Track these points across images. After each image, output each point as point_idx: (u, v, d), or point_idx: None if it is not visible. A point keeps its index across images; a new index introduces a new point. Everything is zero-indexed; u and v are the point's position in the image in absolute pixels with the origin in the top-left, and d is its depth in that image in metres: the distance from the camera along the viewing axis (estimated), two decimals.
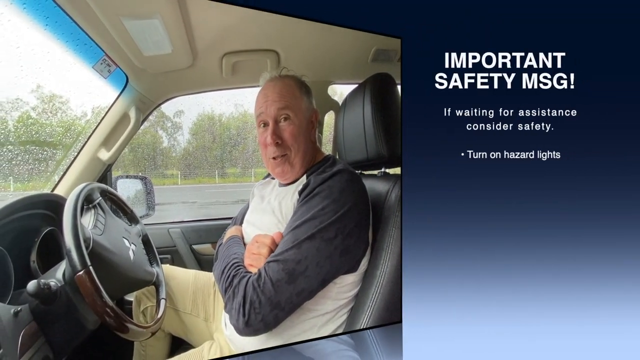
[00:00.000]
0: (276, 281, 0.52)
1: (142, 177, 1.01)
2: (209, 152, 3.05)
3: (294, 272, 0.52)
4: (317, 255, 0.53)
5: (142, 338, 0.58)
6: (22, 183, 0.84)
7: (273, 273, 0.52)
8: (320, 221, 0.53)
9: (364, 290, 0.59)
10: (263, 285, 0.52)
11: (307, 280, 0.53)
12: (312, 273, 0.53)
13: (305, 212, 0.55)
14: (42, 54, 0.65)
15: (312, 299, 0.56)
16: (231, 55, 0.84)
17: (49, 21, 0.60)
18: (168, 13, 0.65)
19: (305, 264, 0.53)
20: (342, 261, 0.56)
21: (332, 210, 0.54)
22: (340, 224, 0.54)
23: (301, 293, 0.54)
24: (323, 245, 0.53)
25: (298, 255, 0.53)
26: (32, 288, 0.47)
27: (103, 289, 0.48)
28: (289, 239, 0.54)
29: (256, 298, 0.52)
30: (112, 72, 0.78)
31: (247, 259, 0.58)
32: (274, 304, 0.52)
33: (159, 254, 0.76)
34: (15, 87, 0.75)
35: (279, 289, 0.52)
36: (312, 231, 0.53)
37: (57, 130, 1.00)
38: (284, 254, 0.53)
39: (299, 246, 0.53)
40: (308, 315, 0.58)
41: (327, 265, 0.54)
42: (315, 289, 0.55)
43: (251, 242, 0.60)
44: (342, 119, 0.80)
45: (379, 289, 0.57)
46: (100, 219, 0.60)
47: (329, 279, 0.56)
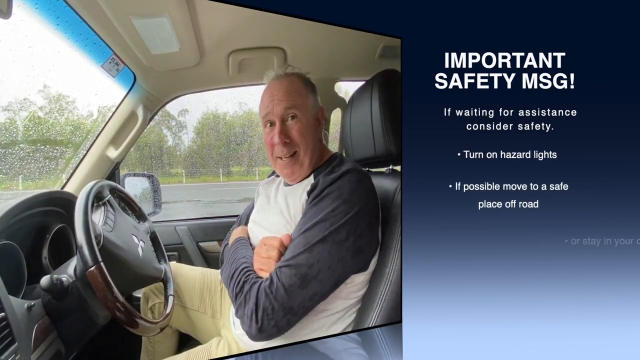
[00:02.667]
0: (289, 286, 0.51)
1: (149, 175, 1.01)
2: (213, 151, 3.06)
3: (307, 276, 0.52)
4: (329, 259, 0.52)
5: (151, 333, 0.58)
6: (32, 181, 0.85)
7: (285, 278, 0.52)
8: (331, 223, 0.53)
9: (372, 289, 0.59)
10: (276, 291, 0.51)
11: (319, 284, 0.53)
12: (324, 276, 0.53)
13: (315, 214, 0.54)
14: (53, 54, 0.66)
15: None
16: (238, 53, 0.84)
17: (59, 21, 0.61)
18: (176, 11, 0.65)
19: (317, 267, 0.52)
20: (354, 262, 0.56)
21: (343, 211, 0.53)
22: (352, 225, 0.53)
23: (314, 297, 0.54)
24: (335, 248, 0.53)
25: (310, 259, 0.52)
26: (45, 283, 0.48)
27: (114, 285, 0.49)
28: (300, 242, 0.53)
29: (269, 304, 0.51)
30: (120, 71, 0.79)
31: (256, 262, 0.57)
32: (286, 309, 0.52)
33: (166, 251, 0.76)
34: (26, 86, 0.77)
35: (291, 294, 0.51)
36: (323, 234, 0.52)
37: (66, 129, 1.01)
38: (295, 258, 0.52)
39: (311, 250, 0.52)
40: (318, 316, 0.58)
41: (340, 267, 0.54)
42: (327, 291, 0.55)
43: (259, 245, 0.59)
44: (349, 116, 0.79)
45: (387, 288, 0.57)
46: (110, 216, 0.60)
47: (342, 280, 0.56)
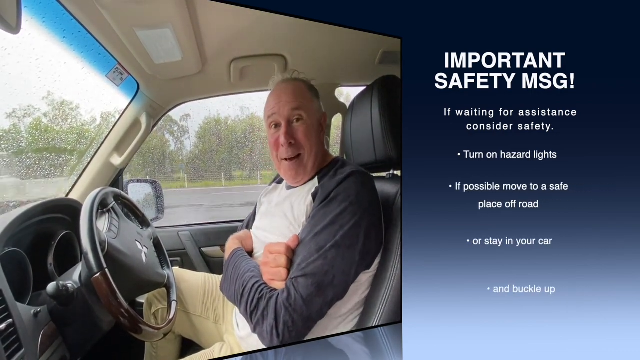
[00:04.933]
0: (307, 296, 0.52)
1: (152, 181, 1.02)
2: (215, 155, 3.08)
3: (323, 283, 0.52)
4: (342, 263, 0.53)
5: (154, 339, 0.59)
6: (38, 187, 0.87)
7: (302, 289, 0.52)
8: (340, 225, 0.53)
9: (374, 293, 0.60)
10: (294, 303, 0.51)
11: (334, 289, 0.54)
12: (338, 281, 0.54)
13: (324, 216, 0.54)
14: (59, 65, 0.68)
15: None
16: (239, 60, 0.85)
17: (66, 33, 0.63)
18: (179, 22, 0.66)
19: (332, 273, 0.53)
20: (363, 262, 0.57)
21: (351, 212, 0.54)
22: (360, 227, 0.54)
23: (330, 302, 0.54)
24: (348, 253, 0.53)
25: (325, 266, 0.52)
26: (51, 290, 0.48)
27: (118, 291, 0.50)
28: (312, 248, 0.53)
29: (289, 318, 0.51)
30: (124, 80, 0.80)
31: (266, 274, 0.56)
32: (306, 318, 0.52)
33: (169, 257, 0.77)
34: (33, 97, 0.78)
35: (309, 304, 0.52)
36: (335, 238, 0.53)
37: (71, 137, 1.03)
38: (310, 266, 0.53)
39: (325, 256, 0.52)
40: (324, 320, 0.57)
41: (352, 270, 0.55)
42: (341, 294, 0.56)
43: (264, 255, 0.58)
44: (349, 121, 0.80)
45: (389, 291, 0.57)
46: (114, 222, 0.61)
47: (352, 281, 0.57)
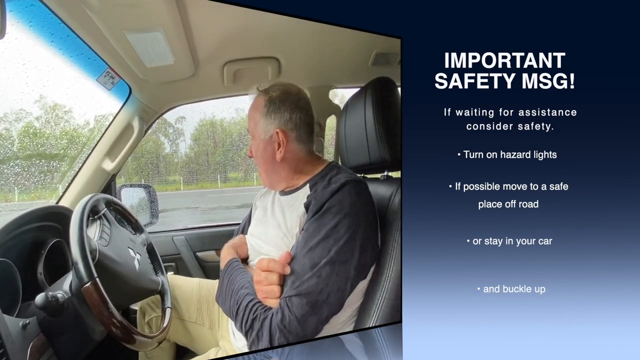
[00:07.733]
0: (301, 317, 0.51)
1: (145, 186, 1.01)
2: (211, 158, 3.05)
3: (317, 302, 0.52)
4: (337, 280, 0.53)
5: (148, 348, 0.58)
6: (27, 194, 0.85)
7: (297, 309, 0.51)
8: (335, 240, 0.52)
9: (369, 296, 0.59)
10: (289, 325, 0.51)
11: (330, 307, 0.53)
12: (334, 299, 0.53)
13: (317, 230, 0.53)
14: (48, 70, 0.67)
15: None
16: (232, 63, 0.85)
17: (54, 37, 0.61)
18: (170, 25, 0.66)
19: (327, 291, 0.52)
20: (358, 276, 0.56)
21: (346, 225, 0.53)
22: (355, 241, 0.54)
23: (326, 320, 0.54)
24: (343, 269, 0.53)
25: (319, 284, 0.52)
26: (40, 301, 0.47)
27: (109, 300, 0.49)
28: (306, 265, 0.53)
29: (284, 339, 0.51)
30: (115, 84, 0.79)
31: (259, 292, 0.56)
32: (300, 336, 0.52)
33: (164, 262, 0.76)
34: (21, 102, 0.77)
35: (304, 324, 0.52)
36: (329, 254, 0.52)
37: (62, 143, 1.01)
38: (304, 284, 0.52)
39: (319, 274, 0.52)
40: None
41: (348, 286, 0.55)
42: (337, 310, 0.55)
43: (256, 273, 0.57)
44: (343, 123, 0.80)
45: (384, 295, 0.57)
46: (106, 229, 0.60)
47: (348, 295, 0.56)
